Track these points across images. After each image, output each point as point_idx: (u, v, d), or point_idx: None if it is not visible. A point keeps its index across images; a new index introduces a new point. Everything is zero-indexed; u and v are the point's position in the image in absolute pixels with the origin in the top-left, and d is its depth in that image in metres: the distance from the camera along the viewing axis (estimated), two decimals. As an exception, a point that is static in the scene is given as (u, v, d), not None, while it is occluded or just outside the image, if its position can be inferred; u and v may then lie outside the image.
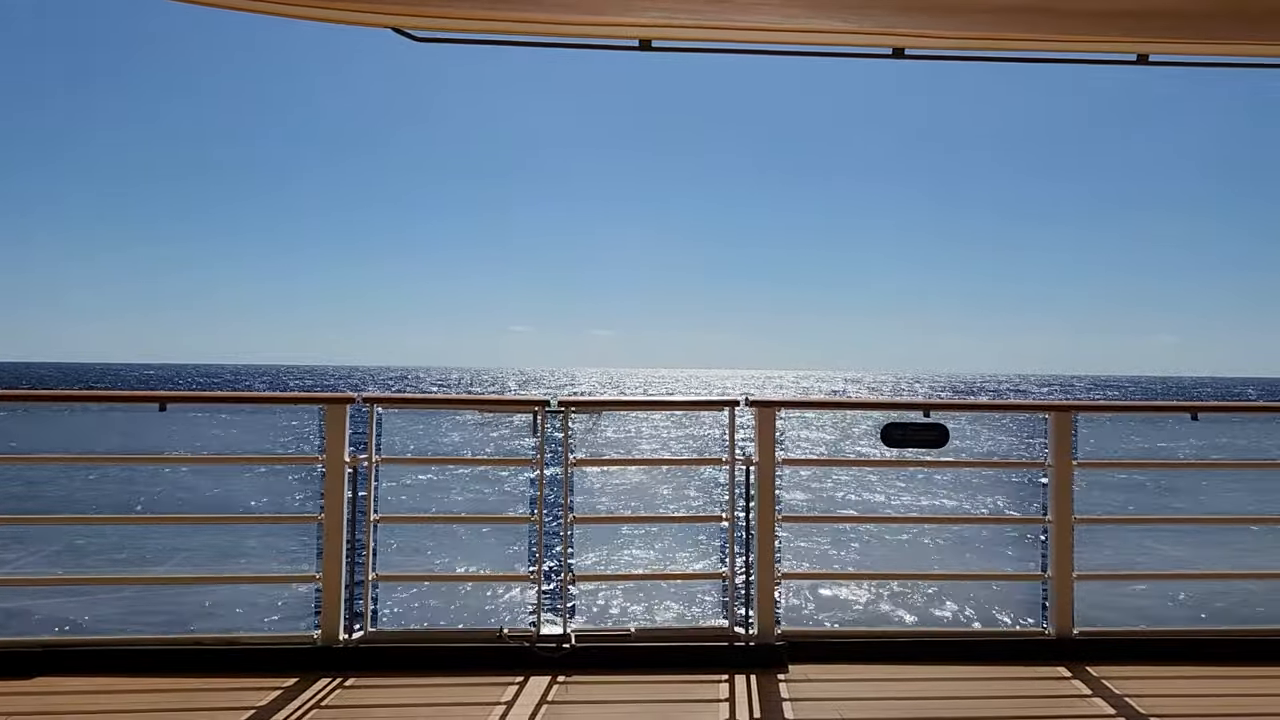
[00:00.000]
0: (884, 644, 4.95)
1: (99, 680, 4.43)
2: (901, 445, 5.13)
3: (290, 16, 3.61)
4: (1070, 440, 5.05)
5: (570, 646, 4.71)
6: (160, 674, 4.50)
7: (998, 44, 3.93)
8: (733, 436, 4.99)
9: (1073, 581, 4.97)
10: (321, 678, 4.46)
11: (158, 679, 4.46)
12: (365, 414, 4.84)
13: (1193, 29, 3.72)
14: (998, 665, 4.79)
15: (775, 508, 4.96)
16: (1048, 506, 5.07)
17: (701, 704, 4.38)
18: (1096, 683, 4.53)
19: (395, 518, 5.11)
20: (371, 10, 3.58)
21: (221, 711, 4.15)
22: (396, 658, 4.68)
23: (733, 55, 4.12)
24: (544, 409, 4.92)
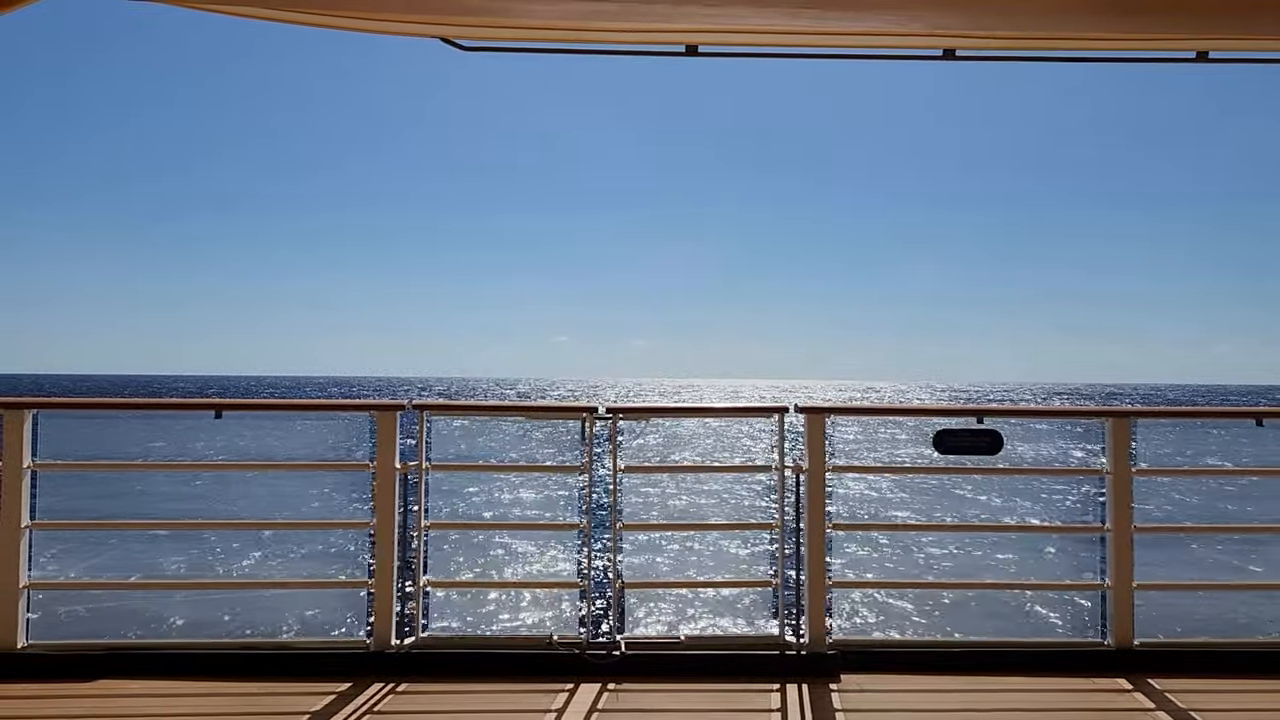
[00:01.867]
0: (938, 653, 4.87)
1: (158, 683, 4.52)
2: (955, 452, 5.05)
3: (343, 29, 3.67)
4: (1129, 446, 4.93)
5: (621, 654, 4.71)
6: (217, 677, 4.58)
7: (1050, 43, 3.87)
8: (782, 443, 4.95)
9: (1132, 591, 4.86)
10: (375, 683, 4.50)
11: (215, 682, 4.53)
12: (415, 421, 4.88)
13: (1253, 24, 3.63)
14: (1056, 676, 4.68)
15: (826, 514, 4.91)
16: (1106, 514, 4.96)
17: (753, 713, 4.34)
18: (1159, 695, 4.41)
19: (447, 524, 5.15)
20: (420, 21, 3.63)
21: (277, 716, 4.21)
22: (448, 663, 4.71)
23: (779, 60, 4.10)
24: (592, 416, 4.92)
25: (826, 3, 3.43)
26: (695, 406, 6.48)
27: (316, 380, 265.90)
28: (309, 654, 4.73)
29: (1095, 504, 5.04)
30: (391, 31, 3.69)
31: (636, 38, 3.85)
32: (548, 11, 3.62)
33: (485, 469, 6.13)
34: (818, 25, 3.73)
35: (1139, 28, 3.68)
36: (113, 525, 5.70)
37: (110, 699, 4.37)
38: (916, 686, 4.59)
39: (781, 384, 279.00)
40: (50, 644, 4.70)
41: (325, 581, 5.51)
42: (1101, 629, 4.94)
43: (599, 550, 5.15)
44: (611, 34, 3.81)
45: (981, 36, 3.81)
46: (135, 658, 4.69)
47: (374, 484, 4.81)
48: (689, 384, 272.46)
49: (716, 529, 8.81)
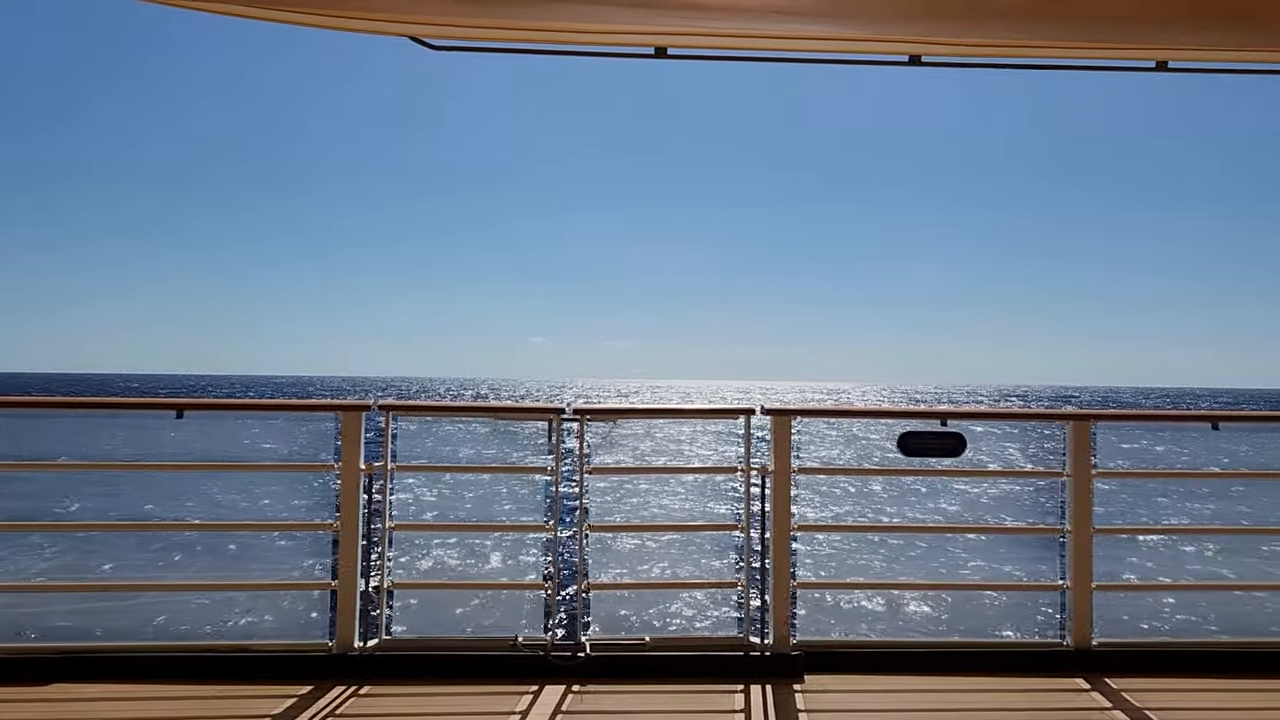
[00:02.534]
0: (901, 654, 4.91)
1: (114, 687, 4.45)
2: (919, 454, 5.10)
3: (310, 25, 3.63)
4: (1089, 449, 5.00)
5: (585, 655, 4.70)
6: (175, 681, 4.52)
7: (1015, 50, 3.91)
8: (748, 445, 4.97)
9: (1091, 592, 4.93)
10: (336, 685, 4.46)
11: (173, 686, 4.47)
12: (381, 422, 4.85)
13: (1211, 35, 3.70)
14: (1015, 676, 4.74)
15: (790, 516, 4.94)
16: (1066, 516, 5.02)
17: (717, 714, 4.36)
18: (1115, 695, 4.48)
19: (411, 525, 5.12)
20: (389, 19, 3.61)
21: (236, 719, 4.16)
22: (411, 665, 4.68)
23: (750, 63, 4.11)
24: (559, 417, 4.92)
25: (794, 8, 3.46)
26: (663, 408, 6.48)
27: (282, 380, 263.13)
28: (270, 656, 4.68)
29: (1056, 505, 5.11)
30: (359, 29, 3.66)
31: (606, 39, 3.85)
32: (517, 11, 3.61)
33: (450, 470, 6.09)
34: (786, 29, 3.75)
35: (1101, 37, 3.73)
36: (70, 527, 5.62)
37: (65, 703, 4.29)
38: (879, 687, 4.63)
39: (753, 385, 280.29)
40: (3, 647, 4.62)
41: (288, 583, 5.46)
42: (1061, 629, 5.00)
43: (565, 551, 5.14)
44: (581, 35, 3.81)
45: (947, 44, 3.85)
46: (91, 661, 4.61)
47: (339, 485, 4.78)
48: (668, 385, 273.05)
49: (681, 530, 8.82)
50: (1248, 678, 4.73)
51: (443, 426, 6.25)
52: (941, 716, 4.34)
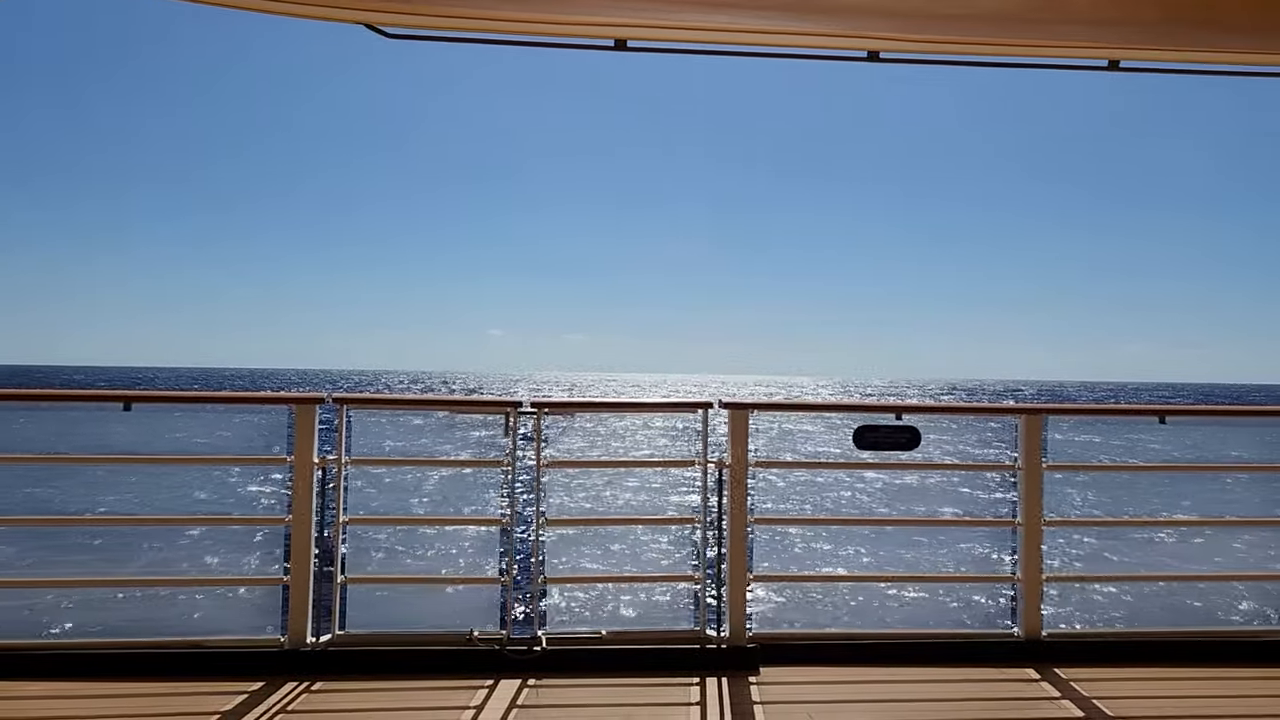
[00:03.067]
0: (855, 646, 4.96)
1: (60, 685, 4.35)
2: (874, 448, 5.14)
3: (259, 10, 3.56)
4: (1040, 443, 5.08)
5: (541, 649, 4.69)
6: (122, 678, 4.43)
7: (972, 48, 3.95)
8: (705, 438, 4.99)
9: (1041, 583, 5.01)
10: (288, 681, 4.40)
11: (120, 683, 4.39)
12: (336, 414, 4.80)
13: (1162, 37, 3.76)
14: (967, 667, 4.81)
15: (748, 510, 4.96)
16: (1017, 509, 5.10)
17: (673, 707, 4.36)
18: (1064, 684, 4.55)
19: (365, 519, 5.06)
20: (343, 6, 3.54)
21: (185, 716, 4.09)
22: (365, 661, 4.63)
23: (709, 56, 4.11)
24: (516, 410, 4.89)
25: (754, 2, 3.46)
26: (620, 402, 6.49)
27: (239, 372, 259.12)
28: (221, 652, 4.60)
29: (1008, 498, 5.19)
30: (313, 15, 3.59)
31: (566, 30, 3.83)
32: (475, 1, 3.57)
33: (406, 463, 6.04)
34: (745, 23, 3.75)
35: (1055, 36, 3.78)
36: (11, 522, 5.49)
37: (7, 702, 4.19)
38: (833, 678, 4.67)
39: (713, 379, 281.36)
40: None
41: (239, 579, 5.37)
42: (1012, 620, 5.08)
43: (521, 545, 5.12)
44: (541, 26, 3.78)
45: (905, 40, 3.88)
46: (35, 658, 4.50)
47: (292, 478, 4.71)
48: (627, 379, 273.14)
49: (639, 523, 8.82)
50: (1192, 667, 4.84)
51: (411, 420, 6.20)
52: (894, 707, 4.39)
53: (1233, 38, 3.78)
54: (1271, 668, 4.83)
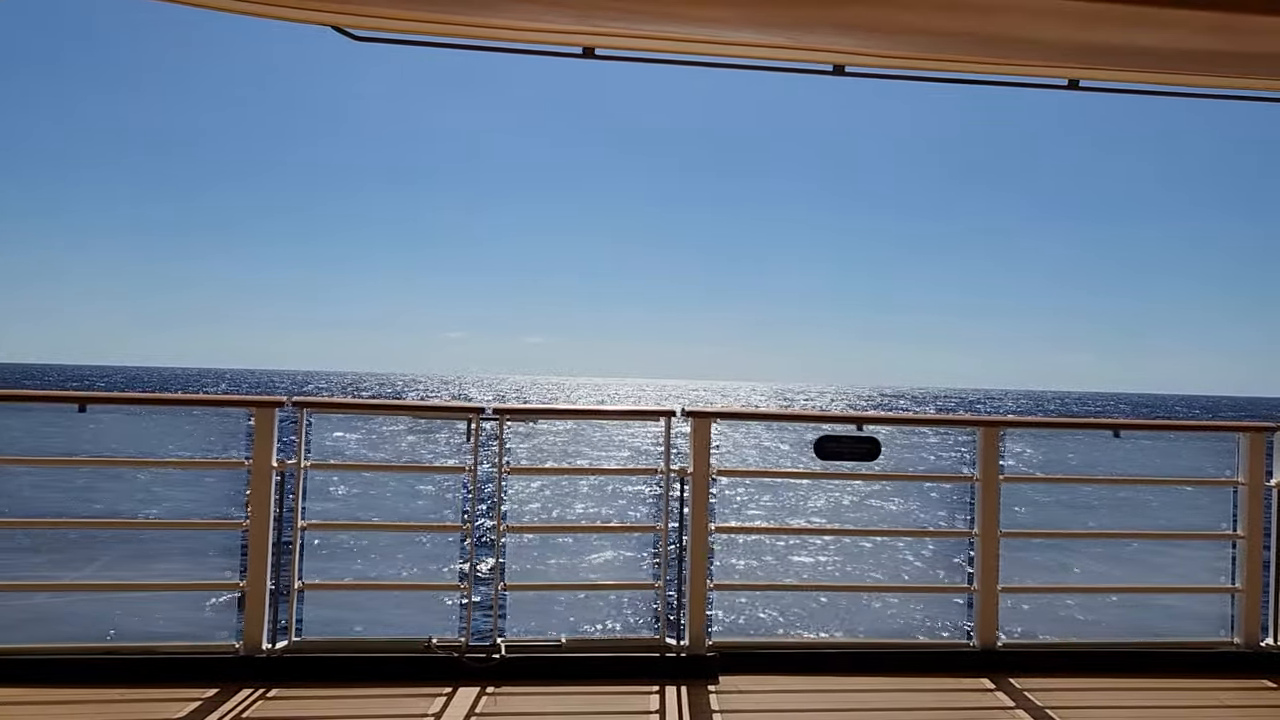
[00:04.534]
0: (813, 655, 4.99)
1: (7, 691, 4.26)
2: (835, 458, 5.18)
3: (227, 10, 3.54)
4: (997, 455, 5.15)
5: (500, 657, 4.66)
6: (73, 684, 4.35)
7: (935, 65, 4.02)
8: (668, 447, 4.99)
9: (998, 594, 5.07)
10: (244, 688, 4.35)
11: (70, 689, 4.31)
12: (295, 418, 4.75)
13: (1119, 59, 3.85)
14: (923, 676, 4.85)
15: (708, 518, 4.98)
16: (974, 520, 5.16)
17: (632, 715, 4.36)
18: (1019, 694, 4.61)
19: (323, 524, 5.02)
20: (313, 8, 3.53)
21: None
22: (322, 668, 4.58)
23: (677, 66, 4.14)
24: (479, 416, 4.87)
25: (722, 15, 3.49)
26: (582, 409, 6.49)
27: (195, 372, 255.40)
28: (174, 658, 4.53)
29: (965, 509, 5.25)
30: (280, 16, 3.57)
31: (535, 37, 3.83)
32: (445, 5, 3.57)
33: (364, 468, 5.98)
34: (714, 35, 3.78)
35: (1015, 55, 3.86)
36: None
37: None
38: (791, 687, 4.69)
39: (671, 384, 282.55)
40: None
41: (194, 584, 5.29)
42: (968, 631, 5.14)
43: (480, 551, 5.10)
44: (510, 32, 3.79)
45: (869, 55, 3.93)
46: None
47: (249, 482, 4.66)
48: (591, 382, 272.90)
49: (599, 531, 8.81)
50: (1144, 677, 4.92)
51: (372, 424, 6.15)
52: (851, 716, 4.42)
53: (1189, 62, 3.88)
54: (1222, 678, 4.93)
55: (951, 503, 5.82)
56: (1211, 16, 3.28)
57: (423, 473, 5.60)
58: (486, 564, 5.01)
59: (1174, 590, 5.80)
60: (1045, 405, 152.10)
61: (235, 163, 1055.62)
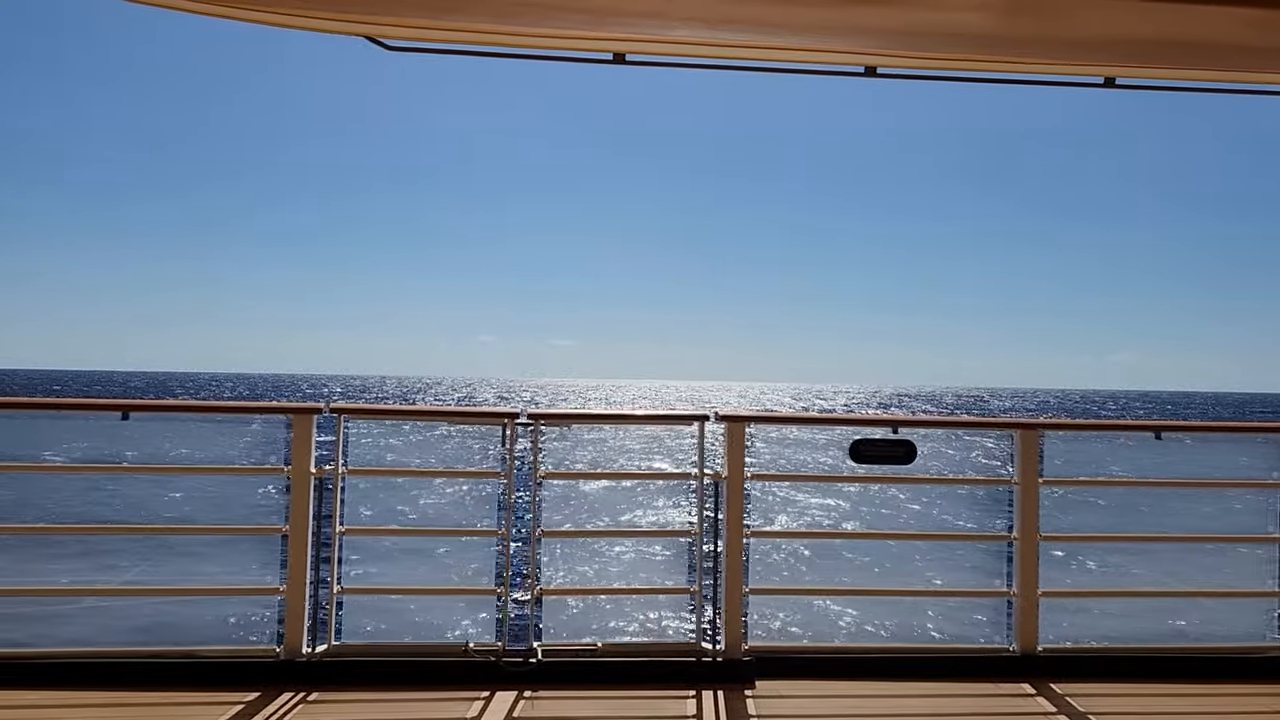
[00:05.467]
0: (851, 659, 4.95)
1: (56, 694, 4.34)
2: (870, 462, 5.15)
3: (271, 24, 3.60)
4: (1037, 457, 5.09)
5: (537, 661, 4.68)
6: (118, 687, 4.42)
7: (968, 64, 3.99)
8: (702, 451, 4.99)
9: (1038, 598, 5.01)
10: (284, 691, 4.40)
11: (116, 692, 4.38)
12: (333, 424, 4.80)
13: (1156, 56, 3.80)
14: (963, 681, 4.80)
15: (743, 522, 4.96)
16: (1013, 523, 5.10)
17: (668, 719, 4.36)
18: (1060, 699, 4.56)
19: (361, 529, 5.06)
20: (347, 19, 3.58)
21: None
22: (361, 672, 4.62)
23: (708, 70, 4.14)
24: (513, 421, 4.90)
25: (753, 18, 3.49)
26: (617, 414, 6.49)
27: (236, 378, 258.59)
28: (216, 662, 4.60)
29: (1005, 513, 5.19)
30: (317, 29, 3.63)
31: (565, 44, 3.86)
32: (475, 14, 3.60)
33: (402, 473, 6.04)
34: (745, 39, 3.78)
35: (1050, 55, 3.82)
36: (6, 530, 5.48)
37: (4, 710, 4.18)
38: (829, 692, 4.67)
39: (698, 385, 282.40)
40: None
41: (235, 588, 5.36)
42: (1008, 635, 5.08)
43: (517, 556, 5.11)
44: (541, 39, 3.81)
45: (902, 56, 3.91)
46: (31, 667, 4.50)
47: (288, 488, 4.71)
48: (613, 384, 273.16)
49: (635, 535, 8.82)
50: (1189, 682, 4.84)
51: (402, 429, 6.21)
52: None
53: (1228, 57, 3.82)
54: (1268, 684, 4.83)
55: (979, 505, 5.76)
56: (1251, 13, 3.23)
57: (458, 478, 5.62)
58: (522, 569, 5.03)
59: (1218, 594, 5.69)
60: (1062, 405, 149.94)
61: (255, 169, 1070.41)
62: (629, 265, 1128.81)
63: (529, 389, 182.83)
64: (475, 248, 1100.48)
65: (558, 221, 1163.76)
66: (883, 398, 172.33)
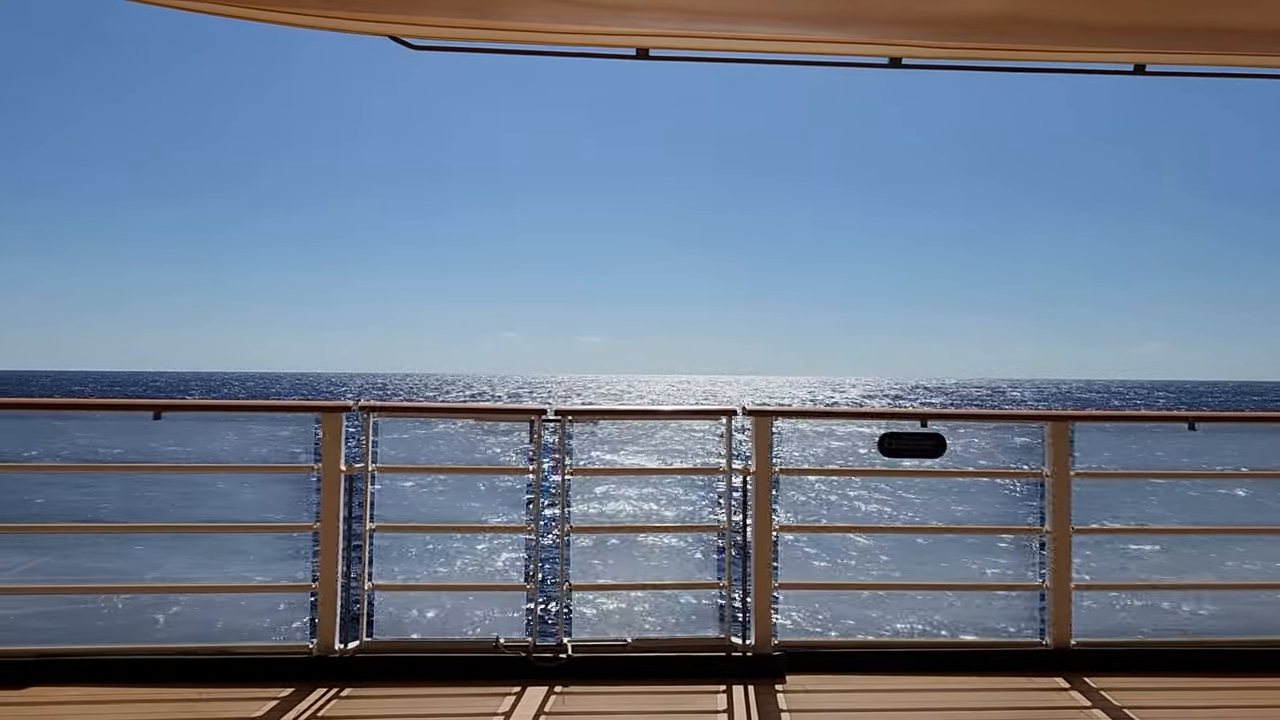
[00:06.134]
0: (882, 654, 4.93)
1: (93, 690, 4.41)
2: (898, 455, 5.12)
3: (292, 25, 3.62)
4: (1068, 450, 5.04)
5: (567, 656, 4.70)
6: (154, 684, 4.48)
7: (994, 54, 3.94)
8: (729, 446, 4.98)
9: (1070, 591, 4.96)
10: (318, 688, 4.44)
11: (152, 689, 4.44)
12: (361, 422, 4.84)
13: (1187, 41, 3.74)
14: (996, 676, 4.77)
15: (772, 517, 4.95)
16: (1045, 516, 5.06)
17: (699, 715, 4.36)
18: (1094, 693, 4.51)
19: (391, 526, 5.10)
20: (370, 19, 3.60)
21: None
22: (393, 668, 4.66)
23: (730, 65, 4.12)
24: (540, 418, 4.91)
25: (776, 10, 3.47)
26: (644, 409, 6.49)
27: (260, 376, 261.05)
28: (251, 659, 4.65)
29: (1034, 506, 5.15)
30: (341, 29, 3.65)
31: (587, 40, 3.85)
32: (497, 11, 3.60)
33: (431, 470, 6.07)
34: (767, 32, 3.76)
35: (1080, 42, 3.77)
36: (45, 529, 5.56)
37: (43, 706, 4.25)
38: (860, 687, 4.65)
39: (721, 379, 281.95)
40: None
41: (268, 585, 5.41)
42: (1040, 629, 5.04)
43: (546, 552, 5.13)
44: (562, 35, 3.81)
45: (927, 46, 3.87)
46: (69, 664, 4.57)
47: (319, 486, 4.76)
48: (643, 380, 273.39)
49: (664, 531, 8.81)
50: (1226, 676, 4.78)
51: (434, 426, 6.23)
52: (922, 716, 4.36)
53: (1259, 41, 3.76)
54: None
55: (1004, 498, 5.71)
56: None
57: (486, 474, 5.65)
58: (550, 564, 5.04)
59: (1263, 586, 5.60)
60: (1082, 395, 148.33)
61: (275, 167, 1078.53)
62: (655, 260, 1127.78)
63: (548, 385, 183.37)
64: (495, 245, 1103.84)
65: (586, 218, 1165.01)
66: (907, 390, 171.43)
